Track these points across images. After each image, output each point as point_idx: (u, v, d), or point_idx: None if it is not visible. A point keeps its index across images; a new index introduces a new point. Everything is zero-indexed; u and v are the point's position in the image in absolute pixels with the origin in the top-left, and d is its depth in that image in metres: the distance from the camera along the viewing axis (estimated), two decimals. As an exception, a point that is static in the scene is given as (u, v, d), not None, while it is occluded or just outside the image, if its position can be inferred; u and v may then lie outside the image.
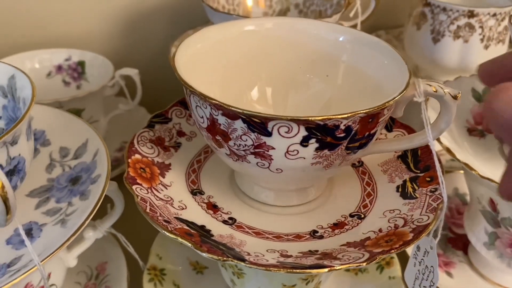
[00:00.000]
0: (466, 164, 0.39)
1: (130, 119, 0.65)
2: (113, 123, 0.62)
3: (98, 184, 0.36)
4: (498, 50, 0.58)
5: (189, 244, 0.30)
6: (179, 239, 0.30)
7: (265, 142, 0.29)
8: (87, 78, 0.62)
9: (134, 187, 0.34)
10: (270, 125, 0.28)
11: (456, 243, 0.53)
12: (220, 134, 0.31)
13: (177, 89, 0.30)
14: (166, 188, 0.36)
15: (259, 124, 0.29)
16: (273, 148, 0.30)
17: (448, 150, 0.40)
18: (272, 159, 0.31)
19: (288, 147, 0.30)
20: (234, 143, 0.30)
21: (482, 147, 0.46)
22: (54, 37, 0.63)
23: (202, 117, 0.31)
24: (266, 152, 0.30)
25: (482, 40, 0.57)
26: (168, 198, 0.35)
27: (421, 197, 0.36)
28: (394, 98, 0.30)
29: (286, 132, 0.29)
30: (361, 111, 0.29)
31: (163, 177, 0.37)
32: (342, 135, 0.30)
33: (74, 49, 0.61)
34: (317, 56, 0.40)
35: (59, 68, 0.62)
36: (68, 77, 0.62)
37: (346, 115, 0.28)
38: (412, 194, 0.36)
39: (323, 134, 0.29)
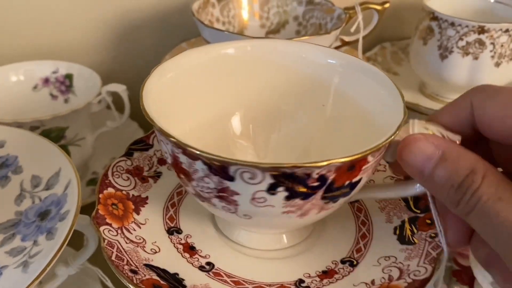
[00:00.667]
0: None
1: (121, 134, 0.62)
2: (102, 138, 0.59)
3: (66, 221, 0.33)
4: (510, 68, 0.54)
5: (156, 301, 0.27)
6: (145, 294, 0.27)
7: (228, 187, 0.26)
8: (75, 92, 0.59)
9: (102, 228, 0.31)
10: (231, 169, 0.25)
11: (462, 276, 0.50)
12: (183, 173, 0.28)
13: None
14: (140, 227, 0.33)
15: (220, 168, 0.25)
16: (237, 194, 0.27)
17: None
18: (238, 205, 0.28)
19: (254, 194, 0.26)
20: (197, 184, 0.28)
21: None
22: (39, 48, 0.60)
23: (166, 153, 0.29)
24: (230, 197, 0.27)
25: (493, 57, 0.53)
26: (140, 239, 0.32)
27: (420, 243, 0.32)
28: (378, 145, 0.26)
29: (250, 178, 0.26)
30: (336, 160, 0.25)
31: (138, 214, 0.34)
32: (316, 184, 0.26)
33: (61, 61, 0.58)
34: (307, 81, 0.36)
35: (46, 80, 0.59)
36: (55, 90, 0.60)
37: (317, 164, 0.25)
38: (410, 239, 0.33)
39: (292, 183, 0.26)
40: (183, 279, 0.30)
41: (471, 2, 0.60)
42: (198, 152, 0.25)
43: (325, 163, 0.25)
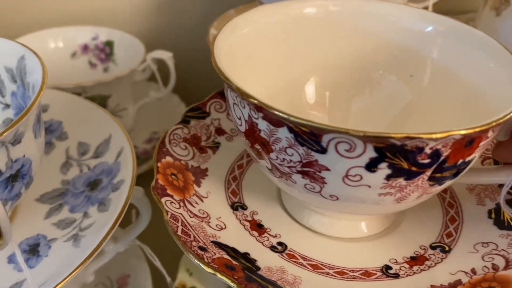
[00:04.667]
0: None
1: (161, 107, 0.58)
2: (142, 111, 0.56)
3: (121, 192, 0.30)
4: None
5: (231, 283, 0.23)
6: (218, 275, 0.23)
7: (316, 160, 0.22)
8: (115, 60, 0.56)
9: (163, 200, 0.27)
10: (325, 139, 0.21)
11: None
12: (259, 142, 0.24)
13: (216, 77, 0.23)
14: (202, 201, 0.30)
15: (310, 137, 0.21)
16: (327, 169, 0.23)
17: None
18: (325, 183, 0.23)
19: (348, 170, 0.22)
20: (277, 156, 0.23)
21: None
22: (79, 13, 0.57)
23: (240, 119, 0.25)
24: (317, 172, 0.23)
25: None
26: (204, 214, 0.29)
27: (525, 229, 0.28)
28: (505, 116, 0.22)
29: (346, 151, 0.21)
30: (457, 131, 0.21)
31: (199, 186, 0.31)
32: (427, 161, 0.22)
33: (101, 27, 0.55)
34: (397, 50, 0.32)
35: (85, 48, 0.56)
36: (94, 58, 0.56)
37: (435, 136, 0.21)
38: (511, 223, 0.29)
39: (399, 158, 0.22)
40: (256, 260, 0.27)
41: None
42: (285, 116, 0.21)
43: (444, 134, 0.21)
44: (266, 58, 0.31)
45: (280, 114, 0.21)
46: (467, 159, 0.24)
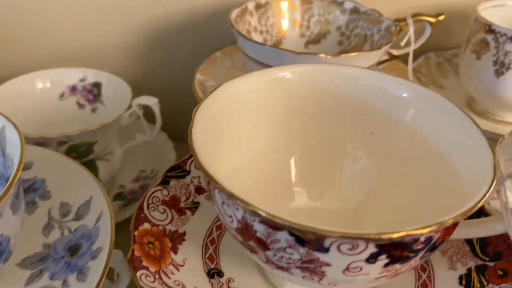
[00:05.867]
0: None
1: (149, 146, 0.59)
2: (129, 150, 0.56)
3: (99, 261, 0.30)
4: None
5: None
6: None
7: (318, 258, 0.23)
8: (103, 101, 0.56)
9: (139, 273, 0.28)
10: (327, 241, 0.22)
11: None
12: (255, 241, 0.24)
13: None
14: (178, 270, 0.30)
15: (312, 240, 0.22)
16: (328, 265, 0.23)
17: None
18: (325, 275, 0.24)
19: (349, 264, 0.23)
20: (275, 254, 0.24)
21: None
22: (67, 55, 0.58)
23: (231, 217, 0.25)
24: (318, 268, 0.24)
25: (553, 75, 0.48)
26: (179, 285, 0.29)
27: (492, 300, 0.29)
28: (481, 198, 0.23)
29: (348, 249, 0.22)
30: (448, 220, 0.22)
31: (175, 253, 0.31)
32: (420, 246, 0.23)
33: (89, 68, 0.56)
34: (372, 114, 0.33)
35: (73, 89, 0.57)
36: (82, 99, 0.57)
37: (431, 228, 0.21)
38: (480, 293, 0.29)
39: (397, 249, 0.22)
40: (228, 335, 0.27)
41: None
42: (287, 224, 0.22)
43: (435, 227, 0.22)
44: (241, 130, 0.31)
45: (283, 222, 0.22)
46: (451, 233, 0.25)
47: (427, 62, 0.62)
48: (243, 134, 0.31)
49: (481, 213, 0.33)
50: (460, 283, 0.31)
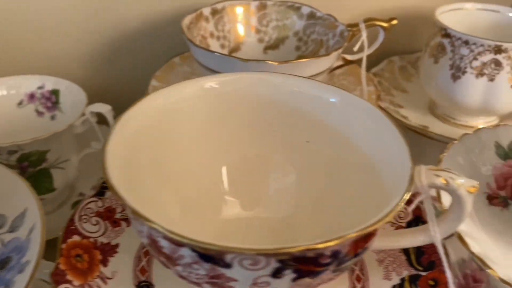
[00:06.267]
0: (482, 261, 0.31)
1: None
2: (87, 157, 0.56)
3: (24, 275, 0.30)
4: (529, 91, 0.50)
5: None
6: None
7: (223, 274, 0.23)
8: (61, 108, 0.56)
9: (60, 288, 0.27)
10: (228, 257, 0.21)
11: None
12: (163, 256, 0.24)
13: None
14: (106, 283, 0.30)
15: (214, 256, 0.22)
16: (235, 280, 0.23)
17: (460, 238, 0.32)
18: None
19: (255, 279, 0.23)
20: (183, 270, 0.24)
21: (505, 222, 0.38)
22: (24, 62, 0.57)
23: (141, 232, 0.24)
24: (226, 283, 0.23)
25: (510, 79, 0.48)
26: (104, 299, 0.29)
27: (420, 311, 0.28)
28: (390, 211, 0.22)
29: (251, 265, 0.22)
30: (350, 235, 0.21)
31: (105, 266, 0.31)
32: (328, 260, 0.23)
33: (47, 76, 0.55)
34: (296, 118, 0.32)
35: (32, 96, 0.56)
36: (41, 106, 0.56)
37: (331, 243, 0.21)
38: (410, 303, 0.29)
39: (301, 264, 0.22)
40: None
41: (488, 17, 0.55)
42: (185, 241, 0.21)
43: (338, 241, 0.21)
44: (169, 142, 0.31)
45: (180, 239, 0.21)
46: (366, 245, 0.24)
47: (391, 66, 0.62)
48: (174, 145, 0.31)
49: (418, 220, 0.33)
50: (392, 293, 0.30)
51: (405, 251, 0.32)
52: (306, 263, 0.22)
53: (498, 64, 0.48)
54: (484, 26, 0.55)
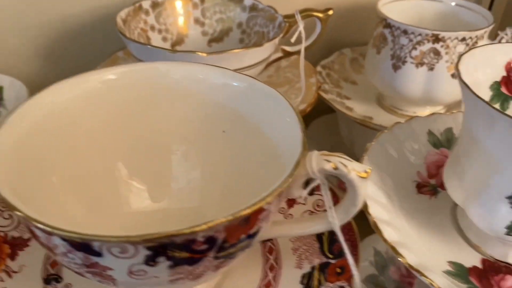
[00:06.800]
0: (394, 249, 0.31)
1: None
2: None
3: None
4: (469, 79, 0.49)
5: None
6: None
7: (97, 262, 0.22)
8: (5, 105, 0.55)
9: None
10: (96, 245, 0.21)
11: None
12: (44, 246, 0.23)
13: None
14: (10, 276, 0.29)
15: (82, 244, 0.21)
16: (111, 269, 0.22)
17: (375, 225, 0.32)
18: (115, 279, 0.23)
19: (130, 267, 0.22)
20: (63, 260, 0.23)
21: (432, 209, 0.38)
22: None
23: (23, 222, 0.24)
24: (103, 272, 0.23)
25: (449, 68, 0.48)
26: (5, 293, 0.28)
27: (323, 298, 0.28)
28: (266, 196, 0.22)
29: (120, 253, 0.21)
30: (218, 221, 0.21)
31: (13, 260, 0.30)
32: (204, 247, 0.22)
33: (-10, 72, 0.55)
34: (206, 107, 0.32)
35: (-25, 93, 0.55)
36: (-15, 103, 0.56)
37: (198, 229, 0.21)
38: (316, 292, 0.29)
39: (173, 251, 0.22)
40: None
41: (432, 8, 0.55)
42: (51, 230, 0.21)
43: (204, 227, 0.21)
44: (70, 140, 0.30)
45: (45, 227, 0.21)
46: (251, 232, 0.24)
47: (342, 58, 0.62)
48: (75, 141, 0.31)
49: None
50: (302, 282, 0.30)
51: (319, 239, 0.32)
52: (178, 250, 0.21)
53: (436, 53, 0.48)
54: (429, 16, 0.56)
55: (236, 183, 0.31)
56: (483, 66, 0.35)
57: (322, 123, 0.65)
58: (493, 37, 0.51)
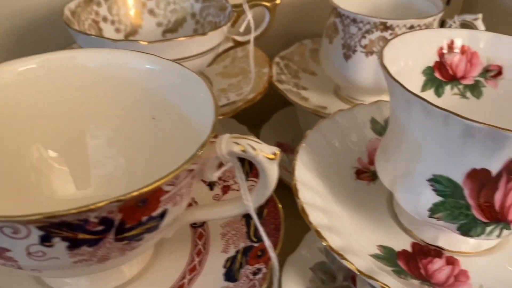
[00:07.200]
0: (317, 232, 0.31)
1: None
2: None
3: None
4: (419, 68, 0.50)
5: None
6: None
7: None
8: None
9: None
10: None
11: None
12: None
13: None
14: None
15: None
16: (9, 250, 0.22)
17: (302, 210, 0.32)
18: (17, 261, 0.23)
19: (28, 248, 0.22)
20: None
21: (369, 195, 0.38)
22: None
23: None
24: (3, 254, 0.23)
25: (399, 56, 0.48)
26: None
27: (241, 281, 0.28)
28: (160, 178, 0.22)
29: (13, 233, 0.21)
30: (107, 202, 0.21)
31: None
32: (100, 228, 0.22)
33: None
34: (129, 91, 0.32)
35: None
36: None
37: (86, 208, 0.21)
38: (235, 274, 0.29)
39: (67, 231, 0.22)
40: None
41: (386, -4, 0.55)
42: None
43: (93, 207, 0.21)
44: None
45: None
46: (154, 214, 0.24)
47: (301, 49, 0.62)
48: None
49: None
50: (225, 266, 0.30)
51: (248, 224, 0.32)
52: (72, 230, 0.21)
53: (385, 41, 0.48)
54: (384, 7, 0.56)
55: (160, 170, 0.31)
56: (414, 52, 0.35)
57: (284, 115, 0.65)
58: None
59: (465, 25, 0.48)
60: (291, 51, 0.61)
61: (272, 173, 0.26)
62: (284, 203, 0.34)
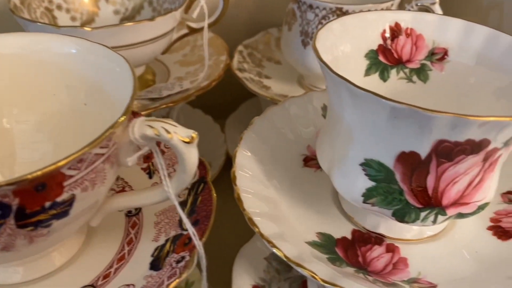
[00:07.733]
0: (249, 218, 0.30)
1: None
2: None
3: None
4: (378, 54, 0.49)
5: None
6: None
7: None
8: None
9: None
10: None
11: None
12: None
13: None
14: None
15: None
16: None
17: (238, 196, 0.32)
18: None
19: None
20: None
21: (315, 182, 0.37)
22: None
23: None
24: None
25: (357, 43, 0.47)
26: None
27: (164, 269, 0.27)
28: (56, 162, 0.21)
29: None
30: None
31: None
32: None
33: None
34: (54, 75, 0.31)
35: None
36: None
37: None
38: (161, 263, 0.28)
39: None
40: None
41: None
42: None
43: None
44: None
45: None
46: (59, 199, 0.23)
47: (267, 37, 0.61)
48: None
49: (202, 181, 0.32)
50: (152, 255, 0.29)
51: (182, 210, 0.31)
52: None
53: (341, 27, 0.47)
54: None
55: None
56: (356, 35, 0.34)
57: (251, 105, 0.64)
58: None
59: (423, 10, 0.47)
60: (256, 40, 0.60)
61: (189, 157, 0.25)
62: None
